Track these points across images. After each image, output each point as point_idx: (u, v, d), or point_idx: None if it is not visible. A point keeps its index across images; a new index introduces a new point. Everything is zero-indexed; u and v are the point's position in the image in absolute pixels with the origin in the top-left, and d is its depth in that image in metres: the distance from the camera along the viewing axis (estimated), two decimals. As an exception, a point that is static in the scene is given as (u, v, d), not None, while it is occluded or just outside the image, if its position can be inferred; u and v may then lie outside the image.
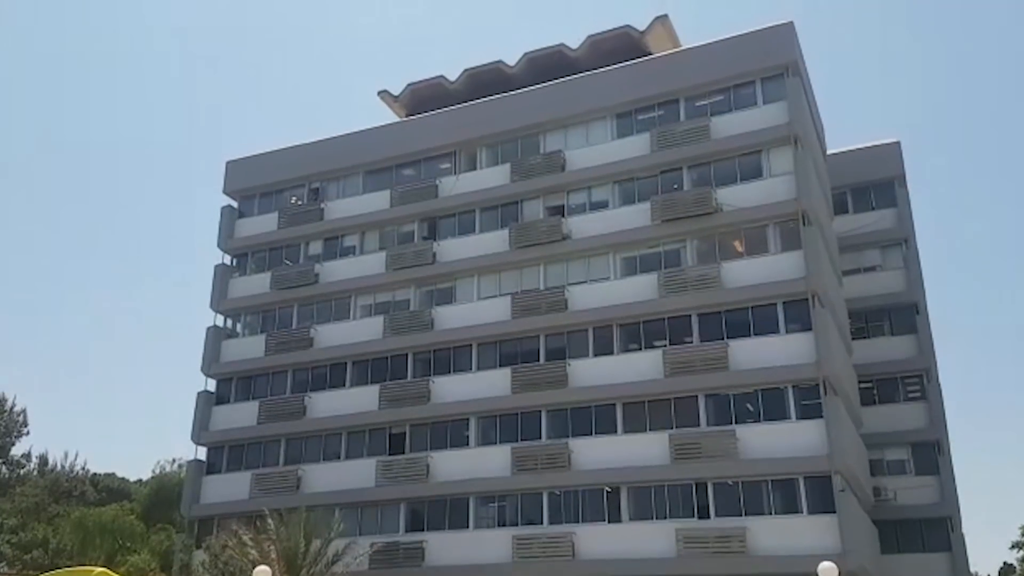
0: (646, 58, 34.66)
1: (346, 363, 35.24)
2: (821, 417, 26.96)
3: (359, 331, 35.23)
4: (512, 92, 36.29)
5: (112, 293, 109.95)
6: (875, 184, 38.48)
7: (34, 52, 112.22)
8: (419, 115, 38.73)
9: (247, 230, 39.60)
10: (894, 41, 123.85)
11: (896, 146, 39.10)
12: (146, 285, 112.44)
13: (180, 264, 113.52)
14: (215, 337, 38.06)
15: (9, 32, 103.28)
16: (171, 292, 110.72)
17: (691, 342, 29.69)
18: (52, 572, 8.79)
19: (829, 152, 37.68)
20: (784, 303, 28.80)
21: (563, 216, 33.17)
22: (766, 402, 28.15)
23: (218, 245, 39.75)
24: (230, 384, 37.44)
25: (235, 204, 40.60)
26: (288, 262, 38.28)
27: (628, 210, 32.15)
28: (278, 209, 39.14)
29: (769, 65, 31.23)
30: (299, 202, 39.23)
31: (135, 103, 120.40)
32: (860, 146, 39.76)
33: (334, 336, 35.65)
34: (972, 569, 39.13)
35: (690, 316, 29.99)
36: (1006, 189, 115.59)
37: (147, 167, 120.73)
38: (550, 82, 35.49)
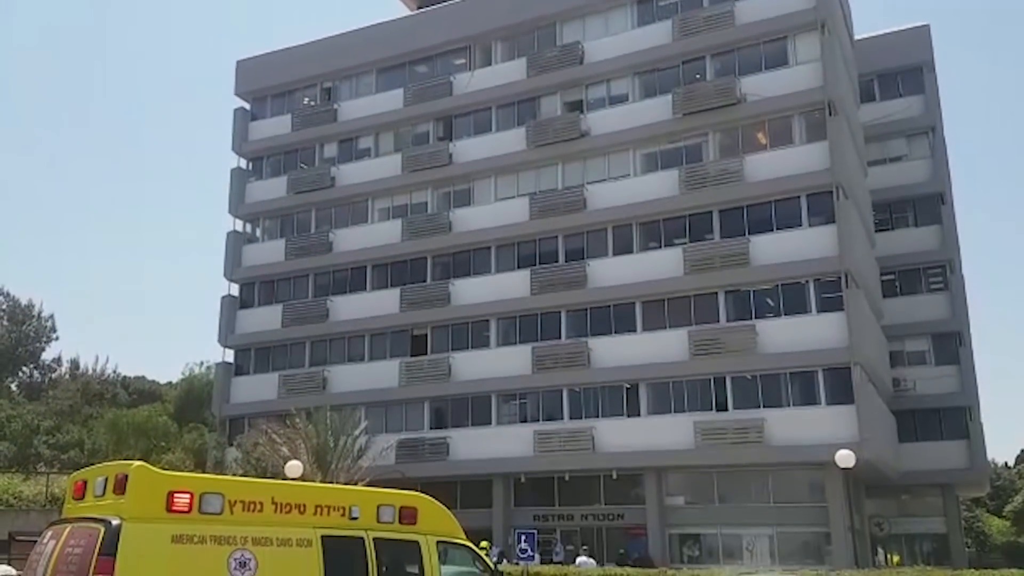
0: (667, -61, 33.02)
1: (366, 267, 35.35)
2: (842, 310, 26.92)
3: (377, 235, 35.17)
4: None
5: (133, 198, 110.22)
6: (902, 71, 37.17)
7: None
8: (432, 7, 37.50)
9: (261, 133, 39.12)
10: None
11: (925, 30, 37.53)
12: (167, 190, 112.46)
13: (201, 168, 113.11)
14: (235, 242, 38.19)
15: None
16: (192, 196, 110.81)
17: (712, 239, 29.41)
18: (92, 467, 8.95)
19: (856, 38, 36.23)
20: (808, 196, 28.34)
21: (581, 112, 32.39)
22: (787, 296, 28.08)
23: (233, 148, 39.41)
24: (253, 288, 37.81)
25: (248, 106, 40.01)
26: (303, 165, 37.94)
27: (649, 103, 31.32)
28: (291, 111, 38.52)
29: (796, -55, 29.66)
30: (312, 103, 38.56)
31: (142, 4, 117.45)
32: (888, 31, 38.25)
33: (353, 240, 35.64)
34: (989, 456, 39.88)
35: (711, 212, 29.61)
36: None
37: (161, 69, 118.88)
38: (567, -33, 33.99)
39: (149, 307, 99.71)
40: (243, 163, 39.45)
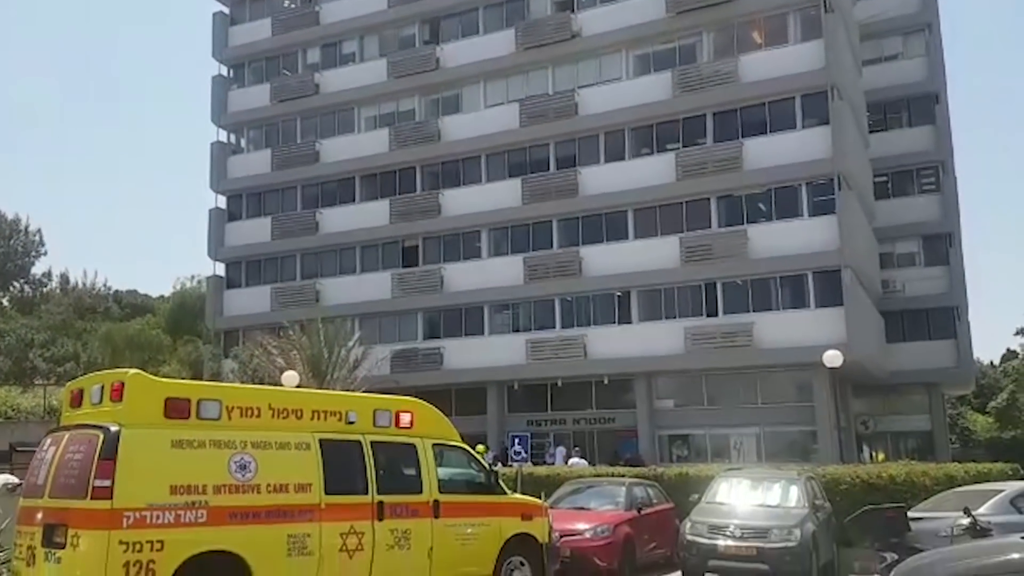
0: None
1: (354, 178, 34.87)
2: (834, 213, 26.86)
3: (365, 144, 34.55)
4: None
5: (111, 110, 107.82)
6: (900, -36, 36.03)
7: None
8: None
9: (241, 38, 37.94)
10: None
11: (923, -80, 36.22)
12: (149, 102, 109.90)
13: (180, 76, 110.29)
14: (220, 153, 37.51)
15: None
16: (174, 106, 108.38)
17: (705, 143, 29.05)
18: (88, 375, 8.96)
19: (855, -70, 34.97)
20: (802, 97, 27.87)
21: (572, 11, 31.44)
22: (779, 201, 27.98)
23: (212, 55, 38.28)
24: (240, 200, 37.36)
25: (227, 10, 38.67)
26: (286, 72, 36.95)
27: (641, 1, 30.38)
28: (272, 14, 37.27)
29: None
30: (292, 5, 37.29)
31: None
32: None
33: (340, 150, 35.03)
34: (976, 356, 40.57)
35: (704, 116, 29.15)
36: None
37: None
38: None
39: (137, 222, 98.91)
40: (224, 70, 38.39)
